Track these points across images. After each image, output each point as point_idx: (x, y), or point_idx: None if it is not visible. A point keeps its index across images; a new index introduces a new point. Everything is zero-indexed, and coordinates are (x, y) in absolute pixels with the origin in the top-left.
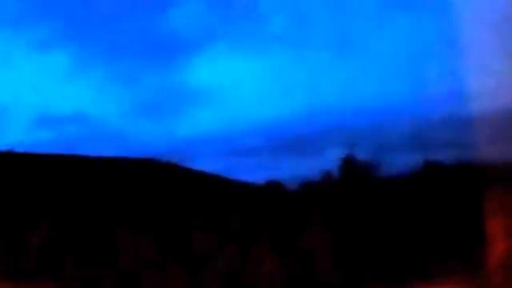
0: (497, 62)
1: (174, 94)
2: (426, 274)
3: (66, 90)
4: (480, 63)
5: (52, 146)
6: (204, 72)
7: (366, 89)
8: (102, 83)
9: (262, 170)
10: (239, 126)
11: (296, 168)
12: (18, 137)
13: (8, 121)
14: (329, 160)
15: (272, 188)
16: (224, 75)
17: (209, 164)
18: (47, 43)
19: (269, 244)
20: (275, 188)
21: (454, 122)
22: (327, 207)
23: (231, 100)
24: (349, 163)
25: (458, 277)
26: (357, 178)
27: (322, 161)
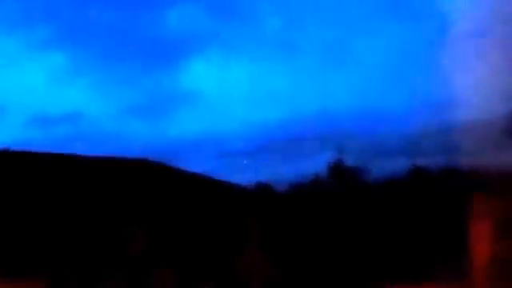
0: (484, 73)
1: (167, 96)
2: (412, 277)
3: (62, 91)
4: (468, 73)
5: (47, 145)
6: (196, 75)
7: (356, 95)
8: (97, 84)
9: (252, 172)
10: (230, 128)
11: (285, 171)
12: (14, 135)
13: (4, 120)
14: (318, 163)
15: (261, 190)
16: (216, 78)
17: (199, 165)
18: (44, 44)
19: (258, 243)
20: (264, 190)
21: (442, 129)
22: (315, 209)
23: (222, 102)
24: (337, 167)
25: (444, 279)
26: (345, 182)
27: (311, 164)
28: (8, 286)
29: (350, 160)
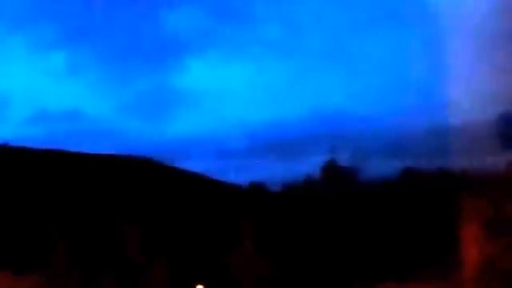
0: (476, 77)
1: (166, 96)
2: (403, 277)
3: (62, 89)
4: (461, 77)
5: (46, 142)
6: (195, 75)
7: (351, 97)
8: (97, 83)
9: (247, 172)
10: (226, 129)
11: (279, 171)
12: (15, 132)
13: (5, 116)
14: (311, 164)
15: (255, 189)
16: (214, 79)
17: (195, 164)
18: (45, 43)
19: (252, 242)
20: (258, 189)
21: (434, 132)
22: (308, 209)
23: (220, 103)
24: (330, 168)
25: (434, 279)
26: (338, 182)
27: (305, 164)
28: (7, 280)
29: (343, 161)
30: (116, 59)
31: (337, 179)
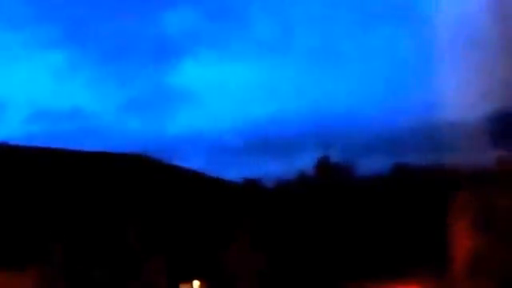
0: (467, 75)
1: (163, 94)
2: (394, 273)
3: (62, 88)
4: (452, 75)
5: (47, 140)
6: (191, 74)
7: (344, 94)
8: (96, 82)
9: (241, 169)
10: (221, 126)
11: (273, 167)
12: (15, 130)
13: (6, 115)
14: (305, 161)
15: (249, 186)
16: (210, 77)
17: (191, 161)
18: (45, 43)
19: (247, 238)
20: (253, 186)
21: (425, 129)
22: (301, 205)
23: (215, 101)
24: (323, 164)
25: (425, 275)
26: (331, 179)
27: (299, 161)
28: (3, 278)
29: (336, 157)
30: (115, 58)
31: (330, 176)
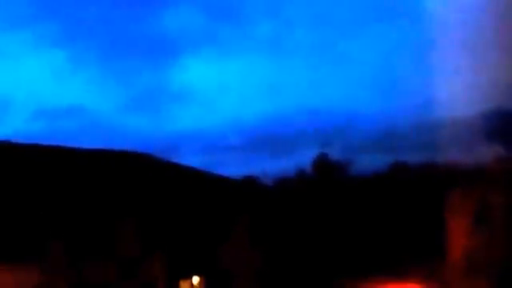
0: (464, 74)
1: (164, 92)
2: (390, 271)
3: (64, 86)
4: (448, 74)
5: (49, 138)
6: (192, 72)
7: (342, 93)
8: (97, 81)
9: (240, 166)
10: (221, 124)
11: (272, 165)
12: (18, 128)
13: (8, 113)
14: (303, 158)
15: (248, 183)
16: (210, 76)
17: (191, 158)
18: (47, 42)
19: (245, 234)
20: (251, 183)
21: (422, 127)
22: (300, 202)
23: (215, 99)
24: (321, 162)
25: (422, 272)
26: (329, 176)
27: (297, 159)
28: (4, 273)
29: (334, 155)
30: (115, 57)
31: (328, 173)
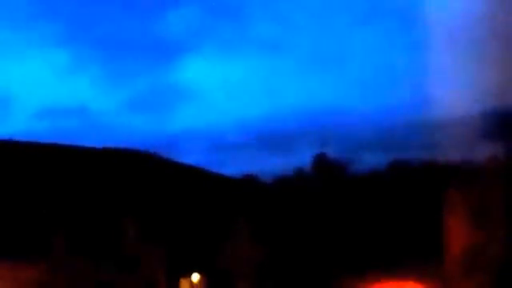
0: (459, 74)
1: (166, 92)
2: (390, 270)
3: (67, 85)
4: (446, 74)
5: (52, 137)
6: (193, 72)
7: (341, 92)
8: (100, 79)
9: (240, 164)
10: (221, 123)
11: (271, 163)
12: (20, 127)
13: (11, 112)
14: (303, 157)
15: (248, 181)
16: (211, 75)
17: (192, 157)
18: (50, 41)
19: (245, 232)
20: (251, 181)
21: (421, 126)
22: (299, 201)
23: (216, 98)
24: (321, 160)
25: (420, 271)
26: (328, 175)
27: (297, 158)
28: (7, 270)
29: (333, 154)
30: (118, 56)
31: (327, 171)
